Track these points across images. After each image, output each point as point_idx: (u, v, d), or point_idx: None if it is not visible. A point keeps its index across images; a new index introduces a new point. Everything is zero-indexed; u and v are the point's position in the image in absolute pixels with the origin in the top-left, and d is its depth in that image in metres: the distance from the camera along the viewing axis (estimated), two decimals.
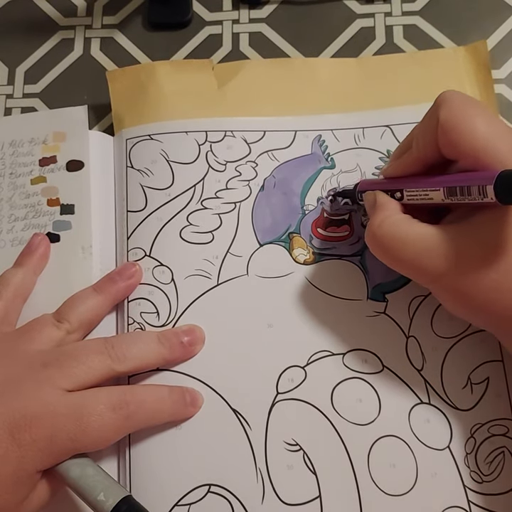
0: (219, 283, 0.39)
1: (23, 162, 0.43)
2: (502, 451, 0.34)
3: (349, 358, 0.36)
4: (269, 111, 0.43)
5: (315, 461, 0.35)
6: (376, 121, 0.42)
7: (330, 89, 0.43)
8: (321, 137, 0.42)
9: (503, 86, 0.44)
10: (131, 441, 0.35)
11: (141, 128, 0.43)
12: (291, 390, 0.36)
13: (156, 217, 0.40)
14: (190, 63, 0.45)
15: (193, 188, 0.41)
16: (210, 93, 0.44)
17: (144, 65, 0.45)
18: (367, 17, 0.46)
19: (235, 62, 0.45)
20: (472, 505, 0.34)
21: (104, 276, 0.38)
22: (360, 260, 0.39)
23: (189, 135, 0.42)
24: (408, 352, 0.36)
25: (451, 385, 0.36)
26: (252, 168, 0.41)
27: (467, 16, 0.45)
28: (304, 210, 0.40)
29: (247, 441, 0.35)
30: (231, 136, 0.42)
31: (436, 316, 0.37)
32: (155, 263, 0.39)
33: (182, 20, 0.47)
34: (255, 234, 0.40)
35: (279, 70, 0.44)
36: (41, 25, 0.48)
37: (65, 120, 0.43)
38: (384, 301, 0.38)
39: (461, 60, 0.43)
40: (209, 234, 0.40)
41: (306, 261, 0.39)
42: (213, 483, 0.34)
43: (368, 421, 0.35)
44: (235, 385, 0.36)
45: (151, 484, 0.34)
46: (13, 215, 0.41)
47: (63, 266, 0.40)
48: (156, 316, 0.38)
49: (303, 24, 0.46)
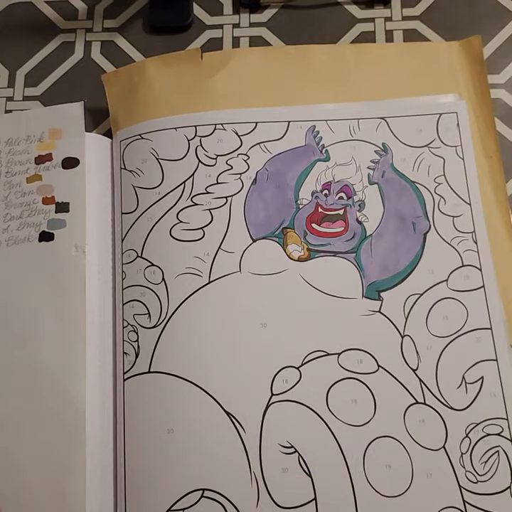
0: (210, 281, 0.38)
1: (18, 160, 0.42)
2: (497, 450, 0.34)
3: (344, 358, 0.36)
4: (261, 101, 0.42)
5: (310, 463, 0.34)
6: (371, 113, 0.41)
7: (324, 78, 0.42)
8: (315, 128, 0.41)
9: (502, 91, 0.43)
10: (126, 446, 0.35)
11: (132, 128, 0.42)
12: (286, 391, 0.35)
13: (147, 217, 0.39)
14: (179, 55, 0.43)
15: (183, 185, 0.40)
16: (200, 85, 0.42)
17: (136, 64, 0.45)
18: (367, 21, 0.46)
19: (224, 51, 0.44)
20: (467, 505, 0.34)
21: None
22: (355, 257, 0.38)
23: (178, 131, 0.41)
24: (403, 351, 0.36)
25: (446, 384, 0.35)
26: (244, 161, 0.40)
27: (467, 21, 0.45)
28: (298, 204, 0.39)
29: (241, 445, 0.35)
30: (221, 129, 0.41)
31: (431, 314, 0.37)
32: (146, 263, 0.38)
33: (182, 23, 0.46)
34: (248, 229, 0.39)
35: (270, 58, 0.43)
36: (42, 28, 0.47)
37: (61, 117, 0.43)
38: (379, 300, 0.37)
39: (455, 54, 0.43)
40: (199, 231, 0.39)
41: (300, 257, 0.38)
42: (207, 487, 0.34)
43: (363, 422, 0.35)
44: (227, 387, 0.36)
45: (144, 489, 0.34)
46: (8, 214, 0.41)
47: (56, 264, 0.39)
48: (147, 317, 0.37)
49: (303, 28, 0.46)
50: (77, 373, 0.36)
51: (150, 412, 0.36)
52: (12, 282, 0.39)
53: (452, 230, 0.38)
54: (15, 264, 0.39)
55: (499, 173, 0.40)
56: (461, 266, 0.37)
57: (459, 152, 0.40)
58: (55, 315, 0.38)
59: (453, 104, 0.41)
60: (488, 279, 0.37)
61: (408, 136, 0.40)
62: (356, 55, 0.43)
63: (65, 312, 0.38)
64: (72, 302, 0.38)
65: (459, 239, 0.38)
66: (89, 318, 0.38)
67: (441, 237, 0.38)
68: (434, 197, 0.39)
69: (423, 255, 0.38)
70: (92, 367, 0.37)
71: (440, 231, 0.38)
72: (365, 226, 0.39)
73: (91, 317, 0.38)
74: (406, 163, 0.40)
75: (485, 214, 0.39)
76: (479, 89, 0.42)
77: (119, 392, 0.36)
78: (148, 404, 0.36)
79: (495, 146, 0.40)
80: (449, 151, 0.40)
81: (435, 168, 0.40)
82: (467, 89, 0.41)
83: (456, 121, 0.41)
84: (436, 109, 0.41)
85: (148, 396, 0.36)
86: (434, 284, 0.37)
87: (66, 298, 0.38)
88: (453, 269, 0.37)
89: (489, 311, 0.37)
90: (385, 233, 0.38)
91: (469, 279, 0.37)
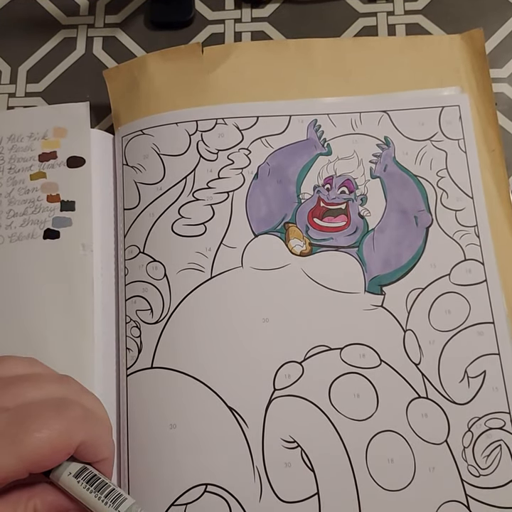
0: (212, 276, 0.38)
1: (22, 157, 0.42)
2: (499, 444, 0.34)
3: (347, 352, 0.36)
4: (262, 95, 0.41)
5: (313, 457, 0.34)
6: (373, 106, 0.41)
7: (325, 71, 0.42)
8: (317, 122, 0.41)
9: (505, 85, 0.43)
10: (129, 442, 0.35)
11: (134, 124, 0.42)
12: (289, 386, 0.35)
13: (149, 213, 0.39)
14: (179, 50, 0.43)
15: (184, 180, 0.40)
16: (201, 80, 0.42)
17: (137, 60, 0.44)
18: (369, 16, 0.45)
19: (225, 45, 0.43)
20: (470, 499, 0.34)
21: None
22: (357, 252, 0.38)
23: (179, 126, 0.41)
24: (406, 346, 0.36)
25: (449, 378, 0.35)
26: (245, 156, 0.40)
27: (470, 15, 0.44)
28: (300, 198, 0.39)
29: (244, 440, 0.35)
30: (222, 124, 0.41)
31: (433, 308, 0.37)
32: (148, 259, 0.38)
33: (184, 19, 0.46)
34: (249, 224, 0.39)
35: (271, 52, 0.43)
36: (43, 24, 0.47)
37: (66, 116, 0.43)
38: (381, 294, 0.37)
39: (457, 47, 0.42)
40: (201, 226, 0.39)
41: (302, 252, 0.38)
42: (210, 482, 0.34)
43: (366, 416, 0.35)
44: (230, 382, 0.36)
45: (147, 485, 0.34)
46: (11, 210, 0.41)
47: (62, 262, 0.39)
48: (149, 313, 0.37)
49: (305, 23, 0.45)
50: (85, 372, 0.36)
51: (153, 408, 0.36)
52: (15, 278, 0.39)
53: (454, 224, 0.38)
54: (18, 260, 0.39)
55: (501, 166, 0.39)
56: (463, 260, 0.37)
57: (461, 145, 0.40)
58: (62, 314, 0.38)
59: (455, 97, 0.41)
60: (490, 273, 0.37)
61: (410, 130, 0.40)
62: (358, 48, 0.42)
63: (72, 311, 0.38)
64: (80, 301, 0.38)
65: (462, 233, 0.38)
66: (94, 315, 0.38)
67: (443, 231, 0.38)
68: (437, 191, 0.39)
69: (425, 249, 0.38)
70: (96, 363, 0.37)
71: (442, 225, 0.38)
72: (367, 220, 0.38)
73: (95, 314, 0.38)
74: (408, 157, 0.40)
75: (487, 208, 0.38)
76: (481, 82, 0.41)
77: (122, 387, 0.37)
78: (151, 399, 0.36)
79: (497, 139, 0.40)
80: (452, 144, 0.40)
81: (437, 162, 0.39)
82: (469, 83, 0.41)
83: (459, 114, 0.40)
84: (438, 103, 0.41)
85: (150, 391, 0.36)
86: (436, 278, 0.37)
87: (73, 296, 0.38)
88: (455, 264, 0.37)
89: (491, 305, 0.36)
90: (387, 227, 0.38)
91: (472, 273, 0.37)
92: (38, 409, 0.28)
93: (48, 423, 0.27)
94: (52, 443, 0.27)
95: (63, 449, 0.28)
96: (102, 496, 0.29)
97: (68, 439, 0.28)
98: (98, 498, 0.29)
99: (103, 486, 0.29)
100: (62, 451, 0.28)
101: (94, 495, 0.29)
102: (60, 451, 0.28)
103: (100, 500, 0.29)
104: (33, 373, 0.31)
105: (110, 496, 0.29)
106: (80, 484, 0.29)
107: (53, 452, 0.27)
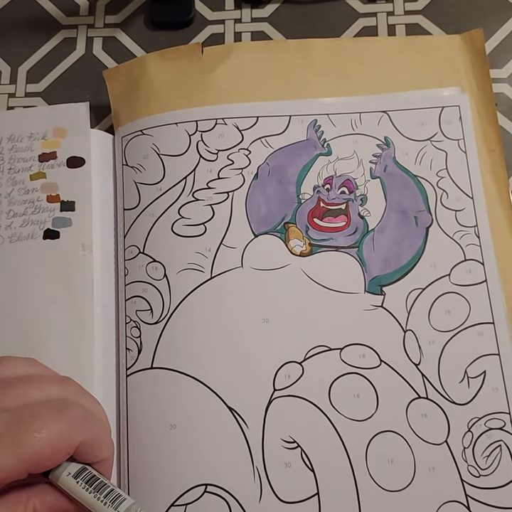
0: (212, 276, 0.38)
1: (22, 157, 0.42)
2: (499, 444, 0.34)
3: (347, 352, 0.36)
4: (262, 95, 0.41)
5: (313, 458, 0.34)
6: (373, 107, 0.41)
7: (325, 71, 0.42)
8: (317, 122, 0.41)
9: (505, 85, 0.43)
10: (129, 442, 0.35)
11: (134, 124, 0.42)
12: (288, 386, 0.35)
13: (149, 213, 0.39)
14: (179, 50, 0.43)
15: (184, 180, 0.40)
16: (200, 80, 0.42)
17: (137, 60, 0.44)
18: (369, 16, 0.45)
19: (225, 45, 0.43)
20: (470, 499, 0.34)
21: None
22: (357, 252, 0.38)
23: (179, 126, 0.41)
24: (406, 346, 0.36)
25: (449, 379, 0.35)
26: (245, 156, 0.40)
27: (470, 15, 0.45)
28: (300, 199, 0.39)
29: (244, 440, 0.35)
30: (222, 124, 0.41)
31: (433, 309, 0.37)
32: (148, 259, 0.38)
33: (184, 19, 0.46)
34: (249, 224, 0.39)
35: (271, 52, 0.43)
36: (43, 25, 0.47)
37: (65, 116, 0.43)
38: (381, 294, 0.37)
39: (457, 47, 0.42)
40: (201, 226, 0.39)
41: (302, 252, 0.38)
42: (210, 482, 0.34)
43: (366, 416, 0.35)
44: (230, 382, 0.36)
45: (147, 484, 0.34)
46: (11, 210, 0.41)
47: (62, 262, 0.39)
48: (149, 313, 0.37)
49: (305, 23, 0.45)
50: (85, 373, 0.36)
51: (153, 408, 0.36)
52: (15, 279, 0.39)
53: (454, 224, 0.38)
54: (18, 260, 0.39)
55: (501, 167, 0.39)
56: (463, 260, 0.37)
57: (461, 145, 0.40)
58: (62, 314, 0.38)
59: (455, 98, 0.41)
60: (490, 273, 0.37)
61: (410, 130, 0.40)
62: (358, 48, 0.42)
63: (72, 311, 0.38)
64: (80, 301, 0.38)
65: (462, 233, 0.38)
66: (94, 315, 0.38)
67: (443, 231, 0.38)
68: (437, 191, 0.39)
69: (425, 249, 0.38)
70: (96, 363, 0.37)
71: (442, 225, 0.38)
72: (367, 220, 0.38)
73: (95, 314, 0.38)
74: (408, 157, 0.40)
75: (487, 208, 0.38)
76: (481, 82, 0.41)
77: (122, 388, 0.37)
78: (151, 400, 0.36)
79: (497, 139, 0.40)
80: (452, 144, 0.40)
81: (437, 162, 0.39)
82: (469, 83, 0.41)
83: (459, 114, 0.40)
84: (438, 103, 0.41)
85: (150, 392, 0.36)
86: (436, 278, 0.37)
87: (73, 296, 0.38)
88: (455, 264, 0.37)
89: (491, 305, 0.36)
90: (387, 228, 0.38)
91: (472, 273, 0.37)
92: (38, 409, 0.28)
93: (48, 423, 0.27)
94: (52, 443, 0.27)
95: (63, 449, 0.28)
96: (101, 496, 0.29)
97: (68, 439, 0.28)
98: (97, 499, 0.29)
99: (102, 486, 0.29)
100: (61, 451, 0.28)
101: (94, 495, 0.29)
102: (60, 451, 0.28)
103: (99, 500, 0.29)
104: (33, 374, 0.31)
105: (109, 496, 0.29)
106: (79, 484, 0.29)
107: (53, 453, 0.27)
